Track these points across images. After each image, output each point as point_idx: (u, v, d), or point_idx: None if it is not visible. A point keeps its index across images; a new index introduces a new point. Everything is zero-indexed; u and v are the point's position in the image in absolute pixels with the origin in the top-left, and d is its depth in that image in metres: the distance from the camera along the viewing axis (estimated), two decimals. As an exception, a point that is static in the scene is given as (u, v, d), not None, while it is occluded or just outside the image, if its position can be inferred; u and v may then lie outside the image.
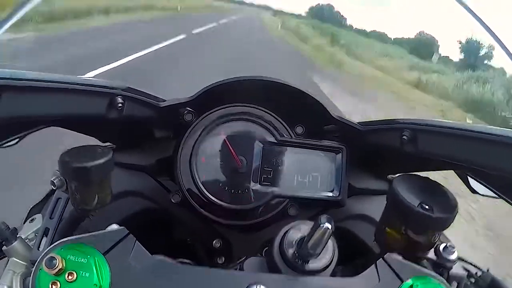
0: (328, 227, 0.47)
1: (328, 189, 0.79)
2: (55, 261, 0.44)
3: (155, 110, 0.74)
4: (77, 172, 0.52)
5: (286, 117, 0.81)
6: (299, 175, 0.79)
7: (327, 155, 0.81)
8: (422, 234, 0.56)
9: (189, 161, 0.77)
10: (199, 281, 0.48)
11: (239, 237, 0.81)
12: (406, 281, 0.48)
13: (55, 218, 0.56)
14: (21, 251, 0.53)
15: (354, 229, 0.78)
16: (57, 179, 0.56)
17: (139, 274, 0.47)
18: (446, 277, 0.56)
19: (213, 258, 0.83)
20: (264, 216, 0.77)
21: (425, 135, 0.63)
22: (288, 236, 0.52)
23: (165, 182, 0.81)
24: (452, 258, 0.56)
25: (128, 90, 0.68)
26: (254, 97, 0.81)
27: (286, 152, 0.80)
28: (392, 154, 0.74)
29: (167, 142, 0.82)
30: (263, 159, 0.79)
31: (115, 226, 0.53)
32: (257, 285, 0.46)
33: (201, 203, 0.77)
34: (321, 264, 0.50)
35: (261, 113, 0.81)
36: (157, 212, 0.80)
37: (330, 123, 0.79)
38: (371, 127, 0.76)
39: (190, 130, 0.79)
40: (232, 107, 0.81)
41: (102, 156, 0.53)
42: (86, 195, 0.55)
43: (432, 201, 0.54)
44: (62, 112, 0.58)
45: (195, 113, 0.79)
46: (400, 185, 0.57)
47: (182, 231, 0.85)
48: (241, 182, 0.78)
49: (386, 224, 0.60)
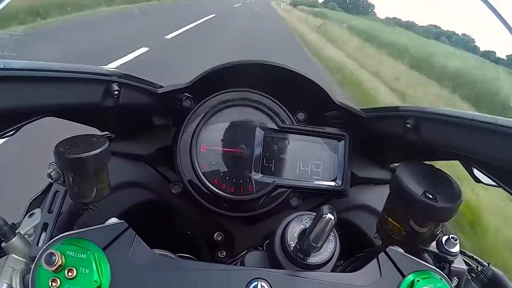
0: (331, 218, 0.46)
1: (330, 178, 0.78)
2: (55, 257, 0.43)
3: (152, 97, 0.72)
4: (73, 163, 0.50)
5: (287, 103, 0.80)
6: (301, 164, 0.78)
7: (329, 142, 0.79)
8: (425, 224, 0.55)
9: (189, 150, 0.76)
10: (200, 277, 0.47)
11: (240, 229, 0.81)
12: (408, 276, 0.48)
13: (53, 213, 0.56)
14: (20, 248, 0.53)
15: (356, 220, 0.78)
16: (54, 171, 0.55)
17: (139, 270, 0.47)
18: (448, 271, 0.56)
19: (214, 252, 0.83)
20: (265, 207, 0.77)
21: (429, 124, 0.62)
22: (289, 229, 0.52)
23: (165, 171, 0.80)
24: (454, 251, 0.56)
25: (124, 77, 0.66)
26: (255, 82, 0.79)
27: (288, 139, 0.79)
28: (395, 142, 0.73)
29: (166, 130, 0.80)
30: (264, 146, 0.77)
31: (114, 219, 0.52)
32: (258, 281, 0.46)
33: (202, 193, 0.76)
34: (323, 258, 0.49)
35: (261, 98, 0.79)
36: (157, 203, 0.80)
37: (333, 109, 0.78)
38: (374, 114, 0.74)
39: (189, 116, 0.78)
40: (232, 92, 0.79)
41: (98, 146, 0.52)
42: (83, 188, 0.54)
43: (436, 190, 0.53)
44: (57, 101, 0.56)
45: (194, 99, 0.78)
46: (403, 173, 0.56)
47: (182, 224, 0.85)
48: (242, 171, 0.77)
49: (388, 214, 0.60)
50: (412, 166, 0.59)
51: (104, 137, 0.55)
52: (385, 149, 0.79)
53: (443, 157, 0.67)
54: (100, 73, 0.62)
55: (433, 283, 0.48)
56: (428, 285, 0.47)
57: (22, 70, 0.49)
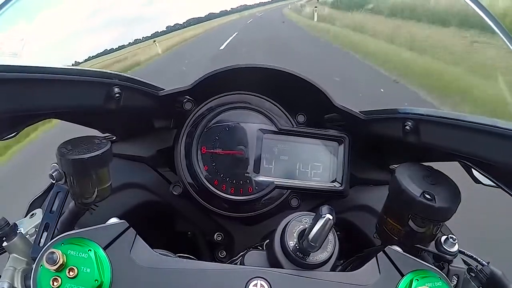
0: (330, 218, 0.46)
1: (330, 179, 0.79)
2: (56, 256, 0.44)
3: (153, 100, 0.73)
4: (75, 164, 0.51)
5: (287, 106, 0.80)
6: (300, 165, 0.79)
7: (329, 144, 0.80)
8: (424, 224, 0.55)
9: (190, 151, 0.76)
10: (200, 276, 0.48)
11: (240, 230, 0.81)
12: (406, 276, 0.48)
13: (55, 213, 0.56)
14: (21, 247, 0.53)
15: (355, 220, 0.78)
16: (56, 172, 0.55)
17: (140, 269, 0.47)
18: (447, 271, 0.56)
19: (214, 252, 0.83)
20: (265, 207, 0.77)
21: (428, 126, 0.62)
22: (289, 229, 0.52)
23: (165, 173, 0.81)
24: (453, 250, 0.56)
25: (126, 80, 0.66)
26: (255, 85, 0.79)
27: (288, 141, 0.79)
28: (394, 144, 0.73)
29: (167, 132, 0.81)
30: (264, 148, 0.78)
31: (115, 219, 0.53)
32: (257, 280, 0.46)
33: (202, 194, 0.77)
34: (322, 257, 0.50)
35: (261, 101, 0.80)
36: (157, 204, 0.80)
37: (332, 112, 0.78)
38: (374, 116, 0.75)
39: (190, 119, 0.78)
40: (232, 95, 0.80)
41: (100, 147, 0.52)
42: (85, 188, 0.55)
43: (434, 191, 0.54)
44: (58, 104, 0.56)
45: (195, 101, 0.78)
46: (402, 174, 0.57)
47: (183, 224, 0.86)
48: (242, 172, 0.77)
49: (387, 215, 0.60)
50: (411, 167, 0.59)
51: (106, 139, 0.56)
52: (385, 151, 0.80)
53: (442, 158, 0.68)
54: (101, 76, 0.62)
55: (432, 282, 0.48)
56: (427, 284, 0.47)
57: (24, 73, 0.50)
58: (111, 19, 1.51)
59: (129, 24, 1.70)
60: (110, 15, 1.43)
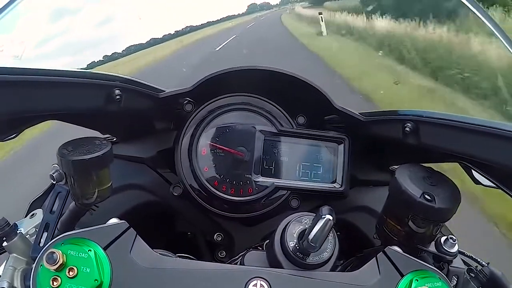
0: (330, 218, 0.46)
1: (330, 180, 0.79)
2: (56, 256, 0.44)
3: (154, 101, 0.73)
4: (76, 165, 0.51)
5: (287, 107, 0.81)
6: (301, 166, 0.79)
7: (329, 145, 0.80)
8: (423, 225, 0.55)
9: (190, 152, 0.77)
10: (200, 277, 0.48)
11: (240, 230, 0.81)
12: (406, 276, 0.48)
13: (55, 213, 0.56)
14: (21, 247, 0.53)
15: (355, 221, 0.78)
16: (56, 172, 0.55)
17: (140, 269, 0.47)
18: (446, 271, 0.56)
19: (214, 252, 0.83)
20: (265, 208, 0.77)
21: (427, 127, 0.63)
22: (289, 229, 0.52)
23: (166, 174, 0.81)
24: (453, 251, 0.56)
25: (126, 82, 0.67)
26: (255, 87, 0.80)
27: (288, 142, 0.79)
28: (394, 146, 0.74)
29: (167, 134, 0.81)
30: (264, 149, 0.78)
31: (115, 219, 0.53)
32: (257, 280, 0.46)
33: (202, 195, 0.77)
34: (322, 258, 0.50)
35: (262, 103, 0.80)
36: (158, 205, 0.80)
37: (332, 113, 0.78)
38: (373, 118, 0.75)
39: (190, 120, 0.78)
40: (233, 96, 0.80)
41: (101, 148, 0.53)
42: (85, 189, 0.55)
43: (434, 192, 0.54)
44: (59, 105, 0.57)
45: (195, 103, 0.79)
46: (403, 175, 0.57)
47: (183, 225, 0.86)
48: (242, 173, 0.77)
49: (387, 215, 0.60)
50: (411, 168, 0.59)
51: (107, 140, 0.56)
52: (385, 152, 0.80)
53: (442, 159, 0.68)
54: (102, 78, 0.63)
55: (432, 283, 0.48)
56: (427, 284, 0.47)
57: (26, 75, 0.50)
58: (110, 25, 1.50)
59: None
60: (109, 24, 1.43)
